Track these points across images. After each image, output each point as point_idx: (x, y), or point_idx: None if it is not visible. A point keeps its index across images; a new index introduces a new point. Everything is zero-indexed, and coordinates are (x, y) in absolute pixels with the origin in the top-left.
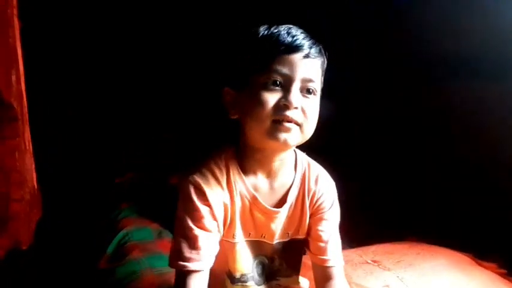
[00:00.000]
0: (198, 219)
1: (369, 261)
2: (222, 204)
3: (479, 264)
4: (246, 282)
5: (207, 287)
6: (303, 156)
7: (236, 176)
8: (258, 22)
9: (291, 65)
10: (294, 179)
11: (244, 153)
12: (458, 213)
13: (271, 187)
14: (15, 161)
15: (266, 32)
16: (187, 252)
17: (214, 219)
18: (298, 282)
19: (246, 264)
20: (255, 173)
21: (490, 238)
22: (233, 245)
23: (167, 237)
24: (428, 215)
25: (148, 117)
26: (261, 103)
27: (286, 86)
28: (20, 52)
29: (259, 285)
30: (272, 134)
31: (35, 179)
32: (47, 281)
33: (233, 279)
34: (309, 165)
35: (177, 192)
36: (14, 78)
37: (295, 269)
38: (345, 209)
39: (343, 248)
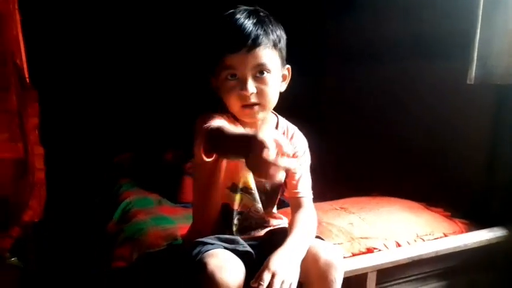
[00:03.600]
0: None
1: (337, 208)
2: None
3: (428, 209)
4: (247, 193)
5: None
6: (283, 120)
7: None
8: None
9: (239, 60)
10: None
11: (234, 116)
12: (415, 173)
13: None
14: (37, 136)
15: (215, 30)
16: (208, 123)
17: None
18: (272, 212)
19: (250, 179)
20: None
21: (440, 191)
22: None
23: (166, 205)
24: (393, 178)
25: (143, 101)
26: (227, 93)
27: (241, 77)
28: (22, 43)
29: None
30: (242, 115)
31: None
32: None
33: (236, 189)
34: (287, 126)
35: (171, 167)
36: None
37: (273, 201)
38: (323, 174)
39: (319, 201)
